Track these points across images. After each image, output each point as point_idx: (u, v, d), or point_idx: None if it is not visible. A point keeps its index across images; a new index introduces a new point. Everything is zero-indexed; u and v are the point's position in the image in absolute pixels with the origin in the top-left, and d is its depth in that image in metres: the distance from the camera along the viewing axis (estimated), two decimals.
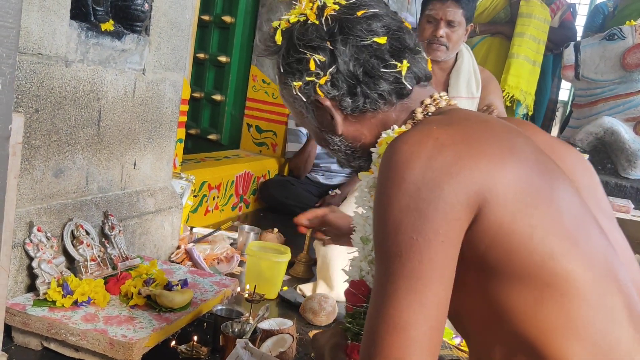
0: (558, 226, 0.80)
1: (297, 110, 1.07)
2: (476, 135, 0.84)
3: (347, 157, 1.08)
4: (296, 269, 2.39)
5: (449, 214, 0.77)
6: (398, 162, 0.81)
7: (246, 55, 3.97)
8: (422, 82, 1.02)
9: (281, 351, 1.52)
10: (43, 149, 1.64)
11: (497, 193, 0.78)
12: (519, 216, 0.78)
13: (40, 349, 1.48)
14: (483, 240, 0.79)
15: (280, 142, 3.93)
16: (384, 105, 0.99)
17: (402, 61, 0.98)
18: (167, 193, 2.25)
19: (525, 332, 0.79)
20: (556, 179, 0.85)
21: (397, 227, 0.78)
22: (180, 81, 2.22)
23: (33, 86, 1.57)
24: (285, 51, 1.02)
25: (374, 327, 0.79)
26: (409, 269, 0.77)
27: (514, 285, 0.79)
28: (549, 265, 0.78)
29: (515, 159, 0.82)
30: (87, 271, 1.68)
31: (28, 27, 1.51)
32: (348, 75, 0.97)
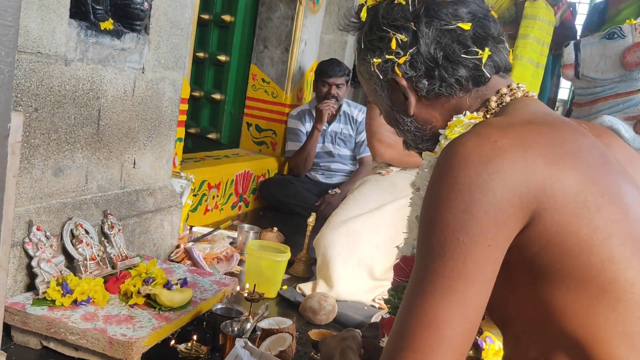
0: (621, 230, 0.78)
1: (371, 87, 1.08)
2: (536, 139, 0.81)
3: (415, 139, 1.08)
4: (296, 268, 2.39)
5: (499, 218, 0.76)
6: (453, 162, 0.80)
7: (246, 54, 3.97)
8: (502, 72, 1.01)
9: (281, 350, 1.52)
10: (42, 148, 1.64)
11: (555, 196, 0.77)
12: (579, 218, 0.77)
13: (40, 348, 1.48)
14: (536, 243, 0.78)
15: (280, 141, 3.93)
16: (459, 90, 0.98)
17: (484, 49, 0.97)
18: (167, 192, 2.25)
19: (574, 334, 0.78)
20: (623, 182, 0.83)
21: (444, 227, 0.77)
22: (180, 80, 2.22)
23: (32, 85, 1.56)
24: (369, 28, 1.02)
25: (406, 320, 0.78)
26: (450, 268, 0.76)
27: (567, 287, 0.78)
28: (608, 270, 0.76)
29: (577, 161, 0.80)
30: (86, 270, 1.68)
31: (27, 25, 1.51)
32: (428, 58, 0.97)
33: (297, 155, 3.64)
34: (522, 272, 0.81)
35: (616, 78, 3.12)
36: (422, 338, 0.76)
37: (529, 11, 3.97)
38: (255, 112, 3.97)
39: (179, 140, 2.55)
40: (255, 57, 3.93)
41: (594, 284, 0.77)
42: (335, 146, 3.70)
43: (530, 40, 3.90)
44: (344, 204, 2.35)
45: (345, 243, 2.18)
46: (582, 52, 3.22)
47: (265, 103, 3.93)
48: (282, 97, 3.89)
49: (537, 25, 3.92)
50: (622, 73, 3.09)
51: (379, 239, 2.20)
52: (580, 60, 3.22)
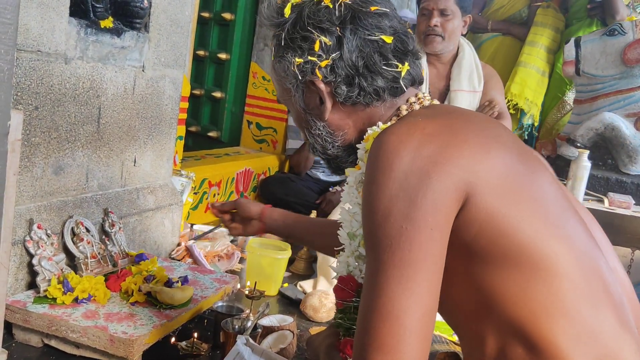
0: (542, 210, 0.83)
1: (285, 86, 1.06)
2: (460, 126, 0.87)
3: (325, 144, 1.07)
4: (296, 265, 2.39)
5: (437, 202, 0.79)
6: (387, 152, 0.82)
7: (246, 52, 3.96)
8: (416, 85, 1.04)
9: (282, 347, 1.52)
10: (43, 146, 1.64)
11: (484, 179, 0.81)
12: (506, 200, 0.81)
13: (41, 346, 1.48)
14: (472, 225, 0.81)
15: (280, 139, 3.93)
16: (375, 100, 1.00)
17: (403, 63, 0.99)
18: (168, 190, 2.25)
19: (515, 315, 0.80)
20: (537, 167, 0.89)
21: (387, 216, 0.79)
22: (180, 78, 2.22)
23: (32, 83, 1.56)
24: (292, 25, 1.01)
25: (366, 316, 0.80)
26: (399, 257, 0.78)
27: (503, 269, 0.81)
28: (537, 246, 0.80)
29: (499, 146, 0.85)
30: (87, 268, 1.68)
31: (27, 24, 1.51)
32: (349, 65, 0.97)
33: (298, 153, 3.64)
34: (462, 258, 0.84)
35: (617, 75, 3.12)
36: (385, 331, 0.77)
37: (540, 18, 3.93)
38: (256, 110, 3.97)
39: (179, 139, 2.56)
40: (256, 55, 3.93)
41: (528, 260, 0.80)
42: None
43: (537, 47, 3.87)
44: None
45: None
46: (583, 49, 3.21)
47: (266, 101, 3.93)
48: None
49: (546, 33, 3.88)
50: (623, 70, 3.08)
51: None
52: (581, 57, 3.22)
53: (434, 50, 2.49)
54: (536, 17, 3.94)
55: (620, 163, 3.15)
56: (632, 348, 0.81)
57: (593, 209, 2.68)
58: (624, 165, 3.14)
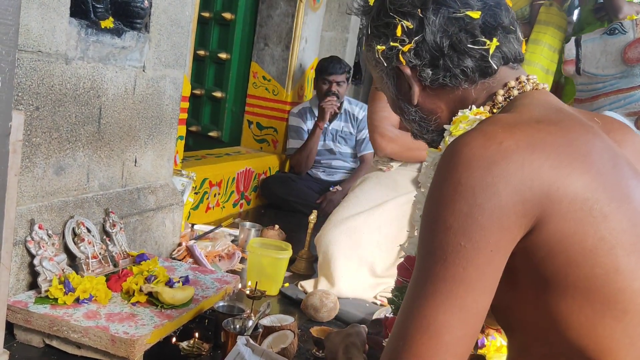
0: (627, 240, 0.75)
1: (378, 74, 1.06)
2: (544, 139, 0.77)
3: (421, 129, 1.05)
4: (297, 265, 2.39)
5: (503, 223, 0.74)
6: (457, 164, 0.76)
7: (246, 52, 3.97)
8: (511, 63, 0.97)
9: (282, 347, 1.52)
10: (44, 147, 1.64)
11: (560, 202, 0.74)
12: (584, 227, 0.74)
13: (43, 346, 1.48)
14: (540, 249, 0.76)
15: (281, 138, 3.93)
16: (464, 82, 0.96)
17: (492, 39, 0.93)
18: (168, 190, 2.25)
19: (580, 345, 0.77)
20: (633, 187, 0.80)
21: (446, 230, 0.75)
22: (181, 78, 2.22)
23: (33, 84, 1.57)
24: (376, 13, 1.00)
25: (406, 324, 0.77)
26: (452, 273, 0.74)
27: (572, 297, 0.76)
28: (614, 281, 0.74)
29: (586, 165, 0.76)
30: (88, 268, 1.69)
31: (28, 24, 1.51)
32: (433, 47, 0.94)
33: (299, 153, 3.64)
34: (528, 279, 0.79)
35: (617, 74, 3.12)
36: (422, 343, 0.75)
37: (543, 17, 3.93)
38: (256, 110, 3.97)
39: (180, 139, 2.56)
40: (256, 55, 3.93)
41: (600, 294, 0.75)
42: (336, 144, 3.70)
43: (541, 46, 3.87)
44: (345, 202, 2.35)
45: (346, 240, 2.18)
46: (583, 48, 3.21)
47: (266, 101, 3.93)
48: (283, 94, 3.89)
49: (549, 32, 3.88)
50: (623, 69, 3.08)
51: (380, 236, 2.20)
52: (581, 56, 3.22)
53: None
54: (539, 15, 3.94)
55: None
56: None
57: None
58: None
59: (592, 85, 3.24)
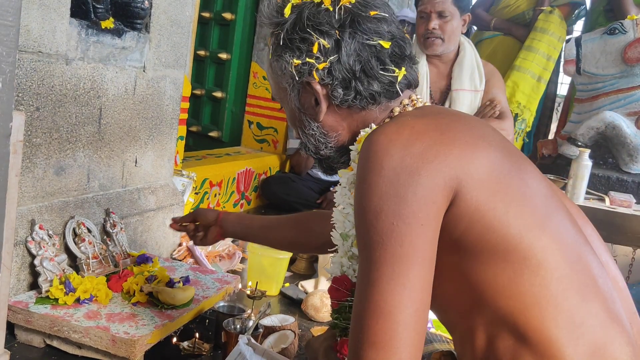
0: (529, 205, 0.85)
1: (281, 85, 1.07)
2: (448, 125, 0.89)
3: (318, 145, 1.07)
4: (298, 265, 2.39)
5: (427, 198, 0.80)
6: (377, 151, 0.84)
7: (247, 52, 3.97)
8: (412, 88, 1.05)
9: (283, 347, 1.52)
10: (44, 147, 1.64)
11: (472, 175, 0.82)
12: (493, 196, 0.83)
13: (43, 347, 1.48)
14: (461, 221, 0.83)
15: (281, 138, 3.93)
16: (371, 104, 1.00)
17: (400, 67, 1.00)
18: (169, 190, 2.25)
19: (505, 307, 0.82)
20: (524, 164, 0.91)
21: (378, 214, 0.81)
22: (181, 78, 2.22)
23: (34, 84, 1.57)
24: (291, 26, 1.01)
25: (360, 314, 0.81)
26: (390, 253, 0.79)
27: (491, 262, 0.82)
28: (524, 240, 0.82)
29: (486, 144, 0.87)
30: (89, 269, 1.69)
31: (28, 25, 1.51)
32: (346, 68, 0.98)
33: (299, 153, 3.64)
34: (452, 254, 0.85)
35: (617, 74, 3.12)
36: (378, 328, 0.78)
37: (540, 24, 3.89)
38: (257, 110, 3.97)
39: (180, 139, 2.56)
40: (256, 55, 3.93)
41: (516, 253, 0.82)
42: None
43: (534, 53, 3.83)
44: None
45: None
46: (583, 48, 3.21)
47: (267, 101, 3.93)
48: None
49: (545, 39, 3.85)
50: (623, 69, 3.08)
51: None
52: (582, 56, 3.22)
53: (434, 52, 2.48)
54: (537, 22, 3.90)
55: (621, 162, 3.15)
56: (622, 340, 0.82)
57: (594, 208, 2.68)
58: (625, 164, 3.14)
59: (592, 85, 3.24)
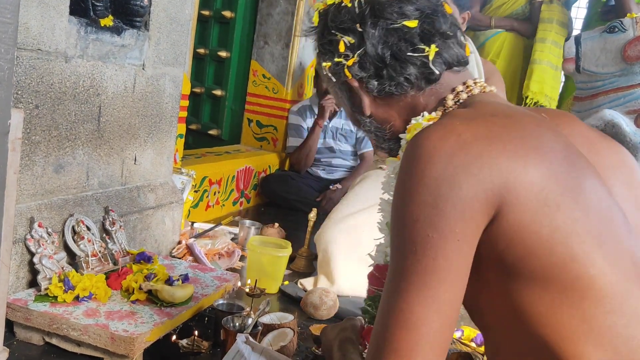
0: (582, 227, 0.77)
1: (332, 90, 1.09)
2: (500, 132, 0.81)
3: (378, 139, 1.09)
4: (297, 263, 2.39)
5: (466, 212, 0.76)
6: (419, 157, 0.80)
7: (246, 50, 3.97)
8: (455, 67, 1.00)
9: (282, 345, 1.52)
10: (43, 145, 1.64)
11: (518, 193, 0.77)
12: (539, 217, 0.77)
13: (43, 344, 1.48)
14: (502, 239, 0.78)
15: (280, 137, 3.93)
16: (410, 89, 0.99)
17: (430, 45, 0.96)
18: (168, 188, 2.25)
19: (541, 334, 0.78)
20: (585, 177, 0.82)
21: (414, 222, 0.77)
22: (180, 76, 2.22)
23: (33, 82, 1.57)
24: (320, 33, 1.04)
25: (384, 321, 0.79)
26: (423, 265, 0.76)
27: (531, 286, 0.78)
28: (570, 268, 0.76)
29: (540, 157, 0.79)
30: (88, 266, 1.69)
31: (27, 22, 1.51)
32: (375, 58, 0.97)
33: (299, 151, 3.64)
34: (493, 270, 0.81)
35: (617, 72, 3.11)
36: (401, 337, 0.76)
37: (545, 14, 3.94)
38: (256, 108, 3.97)
39: (179, 137, 2.56)
40: (256, 53, 3.93)
41: (557, 283, 0.77)
42: (336, 142, 3.70)
43: (548, 43, 3.89)
44: (345, 200, 2.35)
45: (346, 238, 2.18)
46: (583, 46, 3.21)
47: (266, 99, 3.93)
48: (283, 92, 3.89)
49: (554, 29, 3.90)
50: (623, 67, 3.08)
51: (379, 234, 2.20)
52: (581, 54, 3.22)
53: None
54: (542, 13, 3.97)
55: None
56: None
57: None
58: None
59: (591, 83, 3.24)
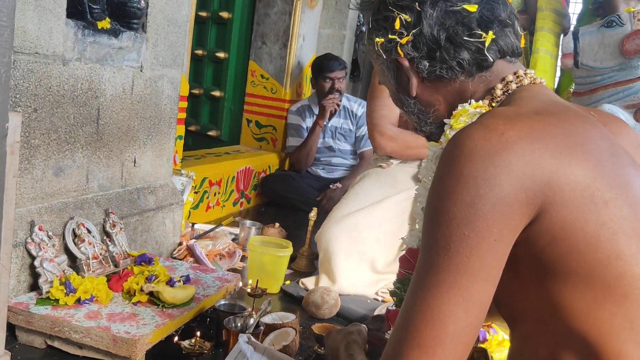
0: (629, 225, 0.76)
1: (379, 67, 1.08)
2: (544, 131, 0.79)
3: (420, 122, 1.07)
4: (298, 262, 2.39)
5: (505, 213, 0.75)
6: (460, 155, 0.78)
7: (244, 51, 3.96)
8: (508, 57, 0.98)
9: (284, 345, 1.52)
10: (42, 148, 1.64)
11: (562, 192, 0.75)
12: (585, 214, 0.75)
13: (45, 347, 1.48)
14: (543, 238, 0.77)
15: (280, 136, 3.93)
16: (461, 74, 0.97)
17: (488, 32, 0.94)
18: (168, 190, 2.25)
19: (579, 330, 0.77)
20: (632, 175, 0.81)
21: (450, 220, 0.76)
22: (178, 77, 2.22)
23: (31, 85, 1.57)
24: (376, 7, 1.03)
25: (411, 314, 0.78)
26: (455, 263, 0.75)
27: (573, 283, 0.76)
28: (615, 266, 0.75)
29: (585, 154, 0.78)
30: (89, 269, 1.69)
31: (24, 26, 1.51)
32: (430, 39, 0.96)
33: (299, 151, 3.64)
34: (530, 268, 0.80)
35: (615, 66, 3.11)
36: (426, 333, 0.75)
37: (542, 3, 3.95)
38: (255, 109, 3.97)
39: (179, 138, 2.56)
40: (254, 54, 3.93)
41: (600, 280, 0.75)
42: (336, 141, 3.70)
43: (545, 32, 3.89)
44: (345, 199, 2.35)
45: (346, 237, 2.18)
46: (581, 41, 3.20)
47: (265, 99, 3.93)
48: (282, 92, 3.89)
49: (550, 17, 3.91)
50: (622, 61, 3.07)
51: (380, 232, 2.20)
52: (579, 49, 3.21)
53: None
54: (539, 2, 3.98)
55: None
56: None
57: None
58: None
59: (590, 78, 3.23)
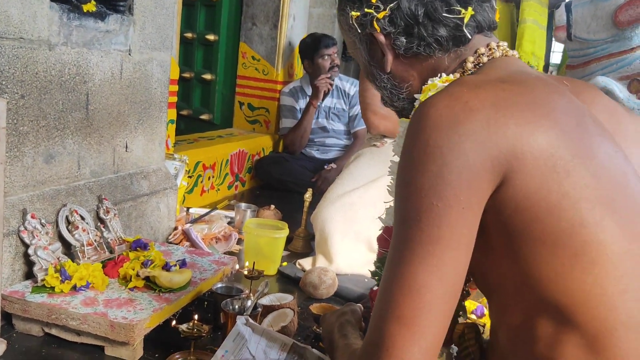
0: (592, 193, 0.77)
1: (350, 39, 1.05)
2: (509, 99, 0.79)
3: (392, 96, 1.05)
4: (295, 244, 2.39)
5: (472, 181, 0.76)
6: (425, 125, 0.78)
7: (234, 33, 3.92)
8: (485, 31, 0.97)
9: (282, 326, 1.52)
10: (32, 135, 1.62)
11: (525, 160, 0.76)
12: (548, 183, 0.76)
13: (42, 335, 1.48)
14: (508, 206, 0.77)
15: (273, 119, 3.90)
16: (438, 51, 0.95)
17: (467, 8, 0.92)
18: (161, 174, 2.24)
19: (552, 298, 0.77)
20: (599, 143, 0.81)
21: (418, 191, 0.77)
22: (168, 60, 2.19)
23: (17, 71, 1.54)
24: None
25: (388, 288, 0.78)
26: (427, 233, 0.76)
27: (540, 251, 0.77)
28: (579, 233, 0.75)
29: (550, 123, 0.78)
30: (84, 256, 1.68)
31: (7, 11, 1.48)
32: (408, 14, 0.93)
33: (293, 132, 3.62)
34: (499, 237, 0.80)
35: (609, 38, 3.09)
36: (404, 305, 0.76)
37: None
38: (247, 91, 3.94)
39: (170, 122, 2.53)
40: (244, 35, 3.88)
41: (567, 248, 0.76)
42: (329, 121, 3.68)
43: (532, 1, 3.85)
44: (340, 179, 2.34)
45: (342, 217, 2.18)
46: (574, 13, 3.18)
47: (257, 81, 3.90)
48: (273, 74, 3.85)
49: None
50: (615, 33, 3.05)
51: (375, 211, 2.18)
52: (572, 22, 3.19)
53: None
54: None
55: None
56: None
57: None
58: None
59: (583, 50, 3.21)
